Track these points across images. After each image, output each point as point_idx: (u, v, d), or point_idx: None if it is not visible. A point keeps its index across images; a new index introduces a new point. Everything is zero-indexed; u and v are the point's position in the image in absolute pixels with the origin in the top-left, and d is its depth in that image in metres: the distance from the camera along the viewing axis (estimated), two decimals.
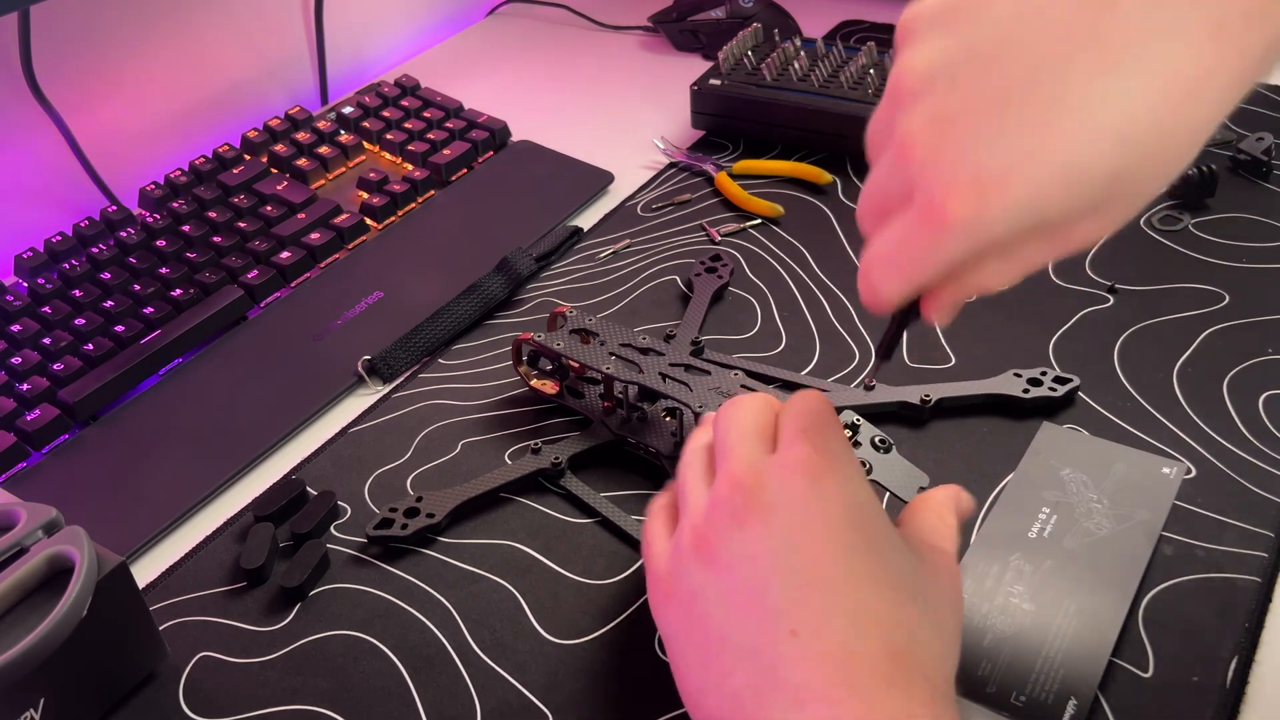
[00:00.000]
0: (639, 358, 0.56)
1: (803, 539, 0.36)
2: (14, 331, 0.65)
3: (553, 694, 0.46)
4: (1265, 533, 0.49)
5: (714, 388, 0.54)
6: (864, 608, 0.35)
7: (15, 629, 0.43)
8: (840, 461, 0.38)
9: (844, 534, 0.36)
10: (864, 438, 0.55)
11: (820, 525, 0.36)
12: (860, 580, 0.36)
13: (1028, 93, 0.30)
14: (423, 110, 0.85)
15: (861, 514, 0.37)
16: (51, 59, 0.76)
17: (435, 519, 0.53)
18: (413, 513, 0.53)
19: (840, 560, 0.36)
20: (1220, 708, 0.43)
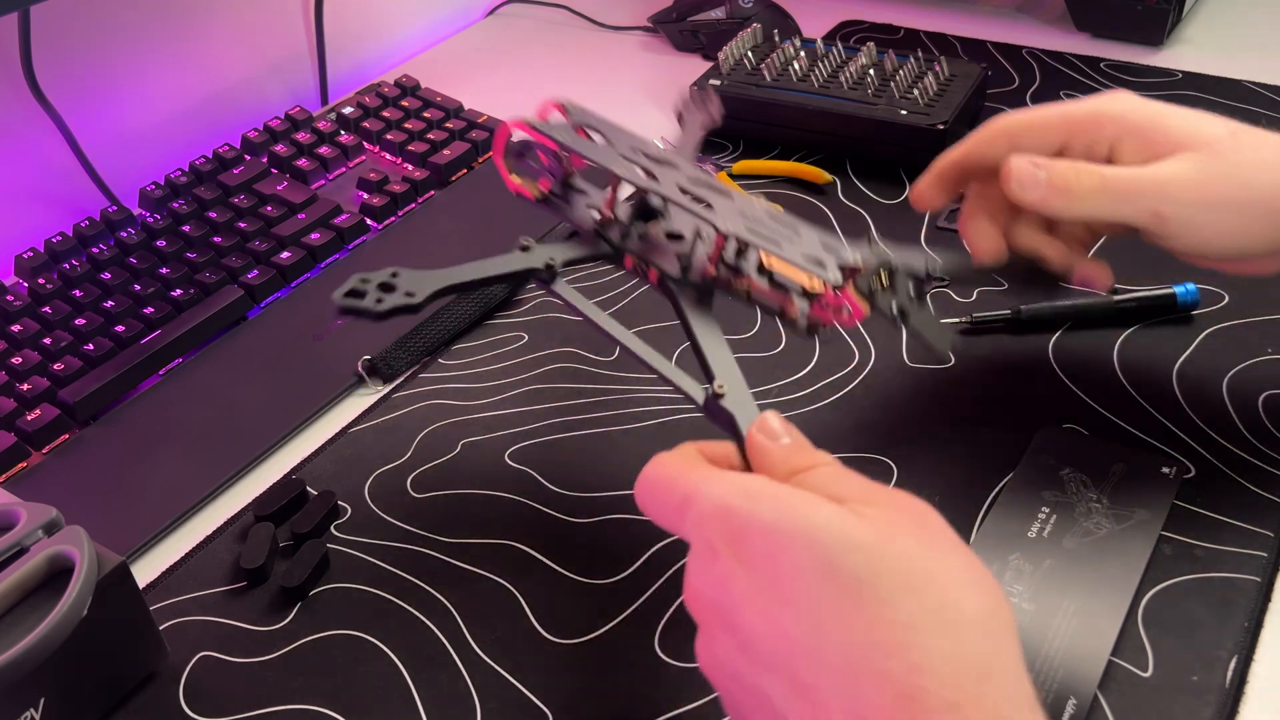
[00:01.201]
0: (653, 167, 0.49)
1: (731, 606, 0.34)
2: (14, 331, 0.65)
3: (553, 694, 0.46)
4: (1265, 533, 0.49)
5: (739, 210, 0.48)
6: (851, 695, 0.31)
7: (15, 629, 0.43)
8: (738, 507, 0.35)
9: (769, 583, 0.33)
10: (900, 282, 0.49)
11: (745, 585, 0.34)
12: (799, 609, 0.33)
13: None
14: (423, 110, 0.85)
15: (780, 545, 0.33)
16: (51, 59, 0.76)
17: (414, 299, 0.45)
18: (389, 288, 0.46)
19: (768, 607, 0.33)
20: (1220, 708, 0.43)
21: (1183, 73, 0.84)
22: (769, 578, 0.33)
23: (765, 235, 0.47)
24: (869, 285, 0.48)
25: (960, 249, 0.53)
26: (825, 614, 0.32)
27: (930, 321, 0.49)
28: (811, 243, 0.48)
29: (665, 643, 0.48)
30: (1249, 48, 0.87)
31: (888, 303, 0.48)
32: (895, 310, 0.48)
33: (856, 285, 0.48)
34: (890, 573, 0.32)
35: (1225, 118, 0.49)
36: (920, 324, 0.49)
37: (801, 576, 0.32)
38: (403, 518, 0.55)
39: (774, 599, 0.33)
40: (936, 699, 0.30)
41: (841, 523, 0.33)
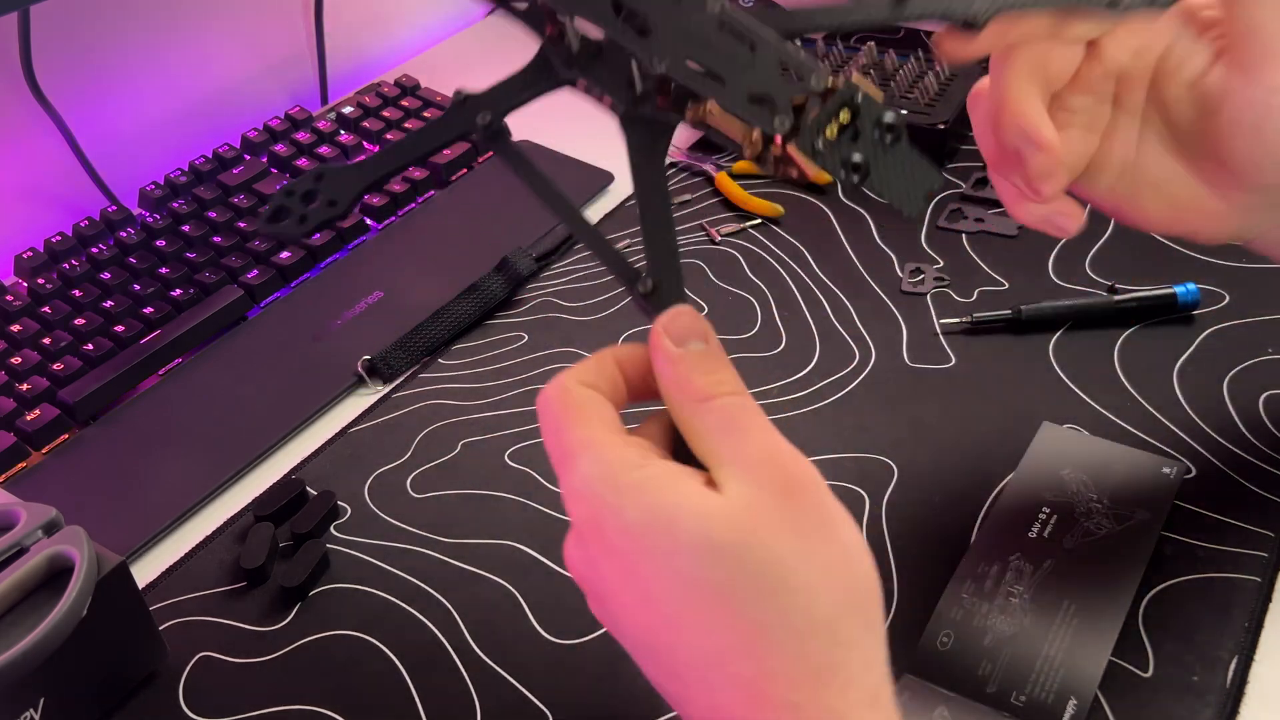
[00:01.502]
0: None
1: (602, 597, 0.36)
2: (14, 331, 0.65)
3: (553, 694, 0.46)
4: (1265, 533, 0.49)
5: (683, 32, 0.37)
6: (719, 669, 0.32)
7: (15, 629, 0.43)
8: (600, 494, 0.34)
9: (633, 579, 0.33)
10: (865, 122, 0.35)
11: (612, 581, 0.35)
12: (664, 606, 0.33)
13: None
14: (423, 110, 0.85)
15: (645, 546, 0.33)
16: (51, 59, 0.76)
17: (337, 208, 0.41)
18: (310, 196, 0.41)
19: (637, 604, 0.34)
20: (1220, 708, 0.43)
21: None
22: (631, 576, 0.33)
23: (705, 68, 0.37)
24: (817, 128, 0.36)
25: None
26: (684, 617, 0.32)
27: (900, 170, 0.36)
28: (765, 69, 0.36)
29: None
30: None
31: (840, 156, 0.36)
32: (851, 163, 0.35)
33: (801, 131, 0.36)
34: (746, 575, 0.32)
35: None
36: (884, 179, 0.36)
37: (660, 580, 0.33)
38: (403, 518, 0.55)
39: (636, 597, 0.34)
40: (781, 700, 0.31)
41: (703, 525, 0.32)
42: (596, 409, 0.37)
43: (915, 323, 0.63)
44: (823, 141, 0.35)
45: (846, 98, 0.35)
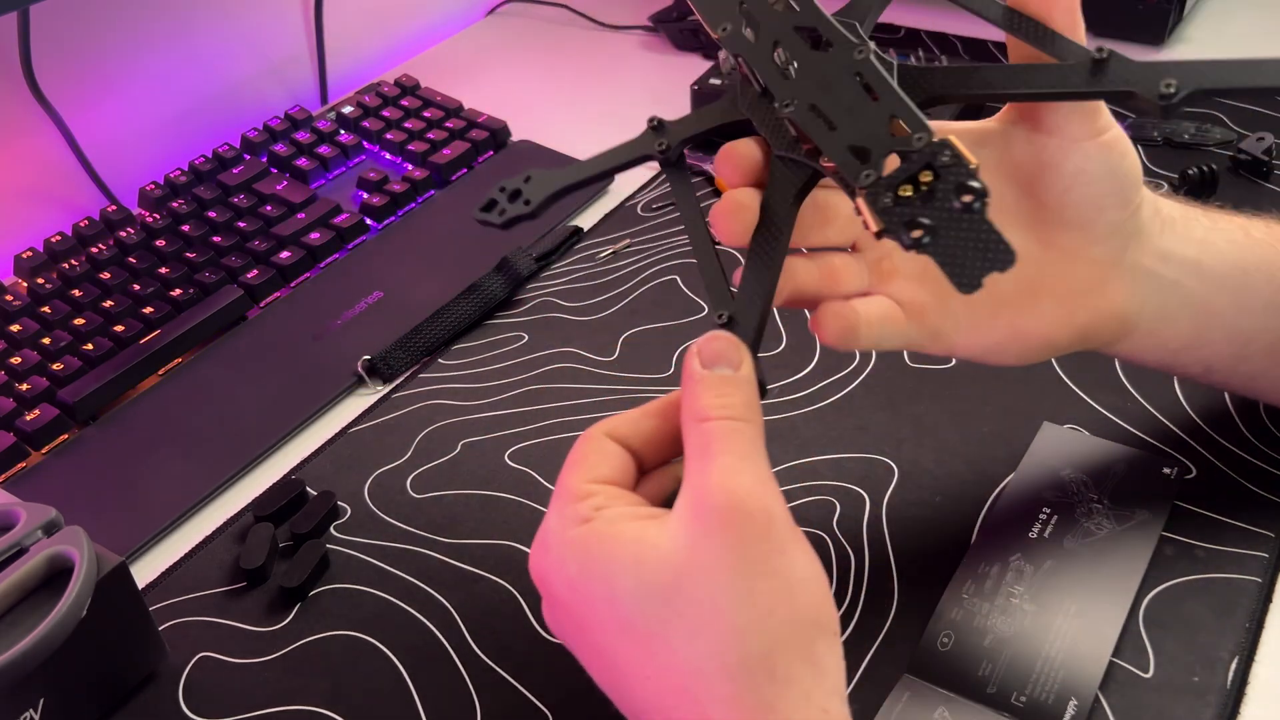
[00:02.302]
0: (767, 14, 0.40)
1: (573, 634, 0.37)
2: (14, 331, 0.65)
3: (553, 694, 0.46)
4: (1265, 533, 0.49)
5: (819, 77, 0.38)
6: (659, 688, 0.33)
7: (15, 629, 0.43)
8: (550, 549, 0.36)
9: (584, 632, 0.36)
10: (945, 185, 0.33)
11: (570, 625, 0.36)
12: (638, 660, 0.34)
13: None
14: (422, 110, 0.85)
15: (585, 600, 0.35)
16: (51, 59, 0.76)
17: (529, 207, 0.43)
18: (515, 195, 0.44)
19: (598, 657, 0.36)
20: (1221, 708, 0.43)
21: None
22: (581, 628, 0.35)
23: (825, 113, 0.37)
24: (890, 184, 0.34)
25: None
26: (628, 664, 0.33)
27: (968, 241, 0.33)
28: (874, 120, 0.36)
29: None
30: (1250, 47, 0.87)
31: (907, 215, 0.34)
32: (915, 223, 0.33)
33: (877, 184, 0.35)
34: (678, 617, 0.32)
35: None
36: (948, 248, 0.33)
37: (604, 629, 0.34)
38: (402, 518, 0.55)
39: (589, 648, 0.36)
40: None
41: (637, 571, 0.33)
42: (601, 460, 0.37)
43: None
44: (893, 198, 0.34)
45: (930, 156, 0.34)
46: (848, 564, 0.50)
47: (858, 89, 0.37)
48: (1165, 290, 0.45)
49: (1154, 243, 0.44)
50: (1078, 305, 0.44)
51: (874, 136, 0.36)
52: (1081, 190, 0.42)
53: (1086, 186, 0.41)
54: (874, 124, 0.36)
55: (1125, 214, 0.42)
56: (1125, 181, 0.42)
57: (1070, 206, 0.42)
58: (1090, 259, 0.43)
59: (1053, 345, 0.45)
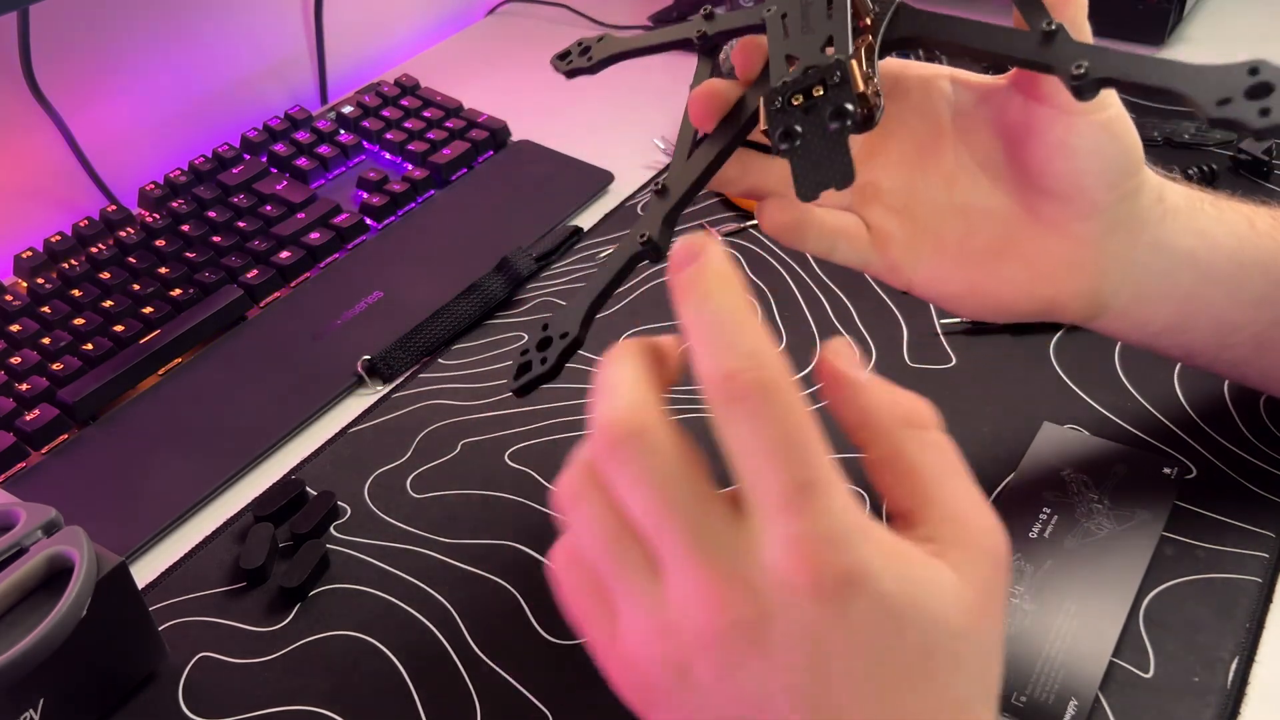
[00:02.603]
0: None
1: (828, 673, 0.28)
2: (13, 331, 0.65)
3: (553, 694, 0.46)
4: (1265, 533, 0.49)
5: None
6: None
7: (15, 629, 0.43)
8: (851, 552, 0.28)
9: (874, 658, 0.28)
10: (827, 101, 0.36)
11: (847, 655, 0.28)
12: (898, 700, 0.29)
13: None
14: (422, 110, 0.85)
15: (893, 623, 0.28)
16: (51, 59, 0.76)
17: (570, 337, 0.42)
18: (546, 343, 0.43)
19: (873, 689, 0.28)
20: (1221, 709, 0.43)
21: None
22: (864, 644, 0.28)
23: (786, 22, 0.40)
24: (785, 89, 0.37)
25: None
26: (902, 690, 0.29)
27: (821, 155, 0.36)
28: (816, 37, 0.38)
29: None
30: (1250, 47, 0.87)
31: (787, 121, 0.36)
32: (788, 131, 0.36)
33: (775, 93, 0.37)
34: (972, 655, 0.30)
35: None
36: (802, 157, 0.36)
37: (904, 655, 0.29)
38: (402, 518, 0.55)
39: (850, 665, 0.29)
40: None
41: (954, 612, 0.29)
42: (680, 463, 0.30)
43: (915, 323, 0.63)
44: (782, 102, 0.37)
45: (825, 74, 0.36)
46: None
47: (822, 8, 0.39)
48: (1150, 278, 0.45)
49: (1150, 231, 0.44)
50: (1044, 277, 0.44)
51: (806, 49, 0.38)
52: (1063, 163, 0.42)
53: (1068, 160, 0.41)
54: (814, 41, 0.38)
55: (1112, 197, 0.42)
56: (1113, 164, 0.42)
57: (1050, 176, 0.42)
58: (1069, 235, 0.43)
59: (1010, 310, 0.45)
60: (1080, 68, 0.36)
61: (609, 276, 0.43)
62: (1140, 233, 0.44)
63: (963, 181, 0.45)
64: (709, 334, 0.28)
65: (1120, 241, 0.44)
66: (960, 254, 0.45)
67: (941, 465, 0.32)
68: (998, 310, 0.45)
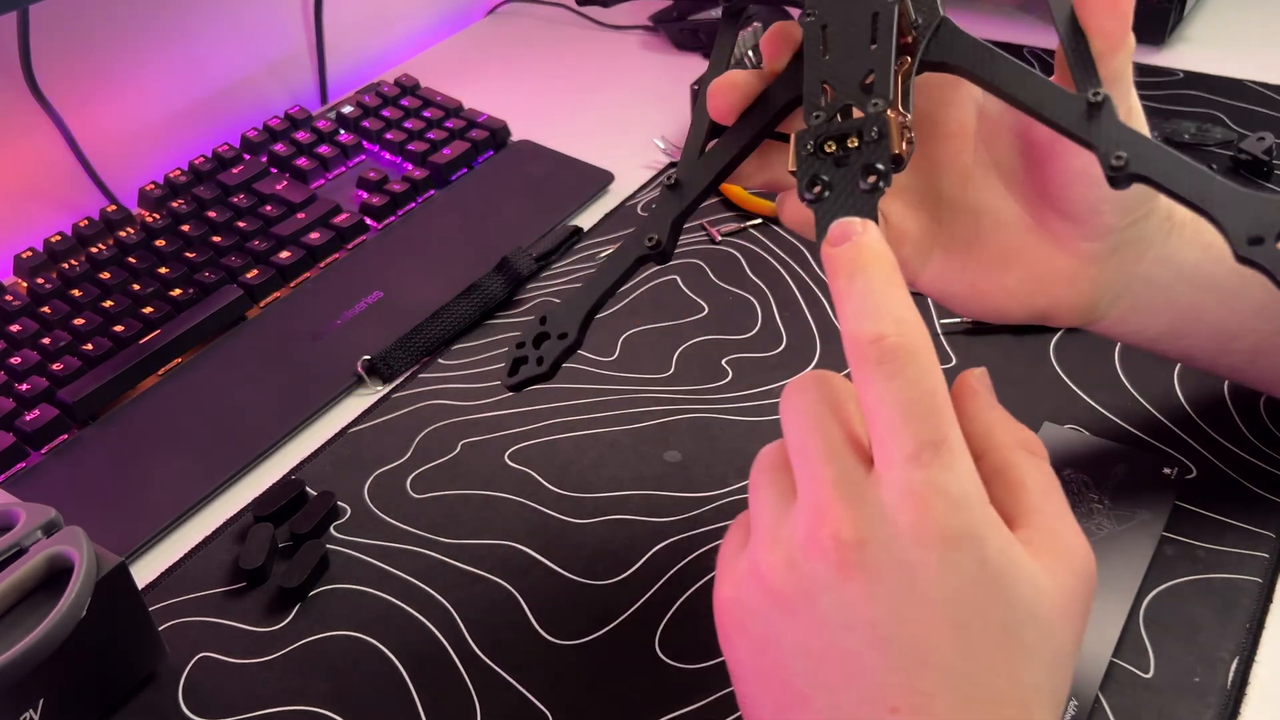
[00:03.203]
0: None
1: (914, 614, 0.30)
2: (13, 331, 0.65)
3: (553, 694, 0.46)
4: (1266, 533, 0.49)
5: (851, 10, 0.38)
6: (976, 688, 0.30)
7: (14, 629, 0.43)
8: (967, 512, 0.30)
9: (963, 612, 0.30)
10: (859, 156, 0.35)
11: (938, 602, 0.30)
12: (975, 658, 0.30)
13: None
14: (422, 110, 0.85)
15: (987, 587, 0.30)
16: (51, 59, 0.76)
17: (569, 339, 0.42)
18: (541, 339, 0.43)
19: (955, 640, 0.30)
20: (1221, 709, 0.43)
21: (1184, 72, 0.84)
22: (955, 599, 0.30)
23: (826, 36, 0.38)
24: (818, 135, 0.36)
25: None
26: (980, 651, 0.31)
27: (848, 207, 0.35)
28: (856, 66, 0.37)
29: (666, 644, 0.47)
30: (1250, 47, 0.87)
31: (815, 169, 0.36)
32: (815, 179, 0.36)
33: (808, 128, 0.37)
34: (1046, 650, 0.31)
35: None
36: (829, 213, 0.36)
37: (988, 622, 0.31)
38: (402, 518, 0.55)
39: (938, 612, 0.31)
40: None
41: (1040, 603, 0.31)
42: (840, 424, 0.33)
43: None
44: (814, 145, 0.36)
45: (862, 126, 0.35)
46: None
47: (865, 30, 0.37)
48: (1150, 290, 0.45)
49: (1155, 249, 0.44)
50: (1042, 289, 0.44)
51: (845, 81, 0.36)
52: (1083, 190, 0.41)
53: (1088, 188, 0.41)
54: (854, 69, 0.36)
55: (1124, 222, 0.42)
56: (1131, 194, 0.42)
57: (1069, 200, 0.42)
58: (1074, 251, 0.43)
59: (1005, 315, 0.45)
60: (1120, 160, 0.34)
61: (611, 279, 0.43)
62: (1145, 251, 0.44)
63: (978, 182, 0.44)
64: (860, 299, 0.31)
65: (1124, 259, 0.44)
66: (967, 256, 0.45)
67: (1047, 485, 0.33)
68: (994, 314, 0.46)
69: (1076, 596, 0.32)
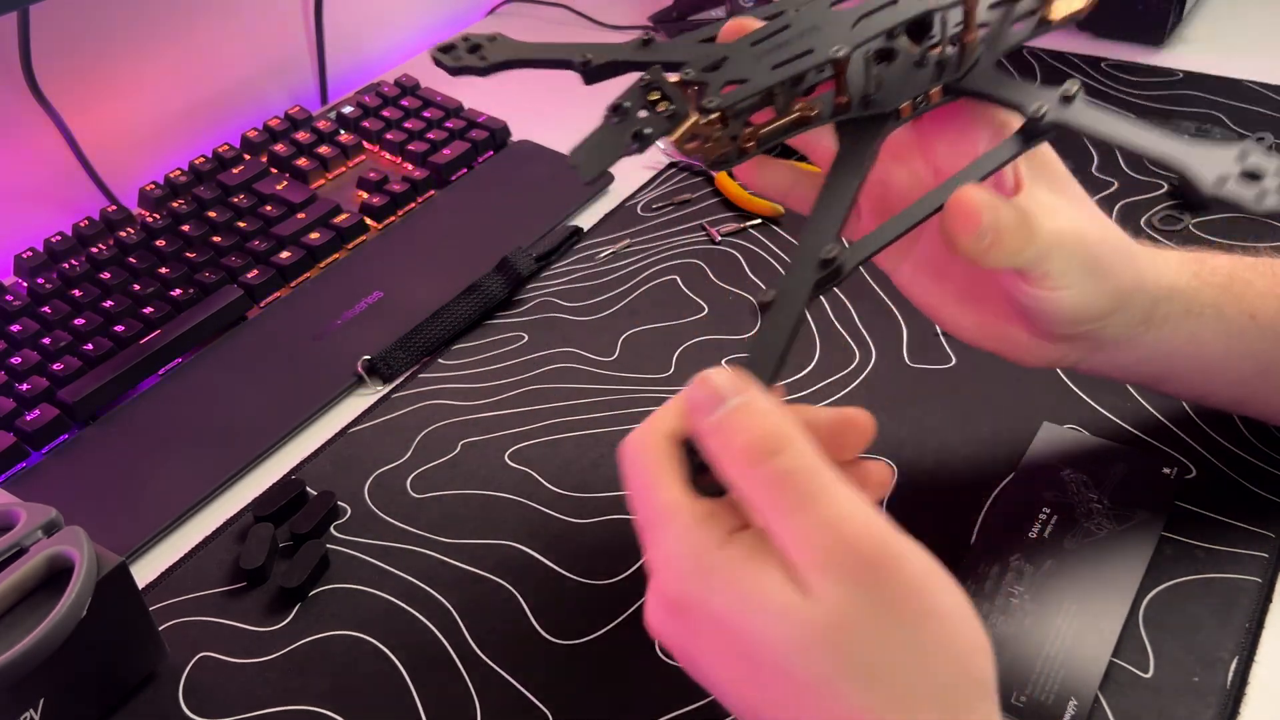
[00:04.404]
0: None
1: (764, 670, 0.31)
2: (14, 331, 0.65)
3: (553, 695, 0.46)
4: (1266, 533, 0.49)
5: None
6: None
7: (15, 629, 0.43)
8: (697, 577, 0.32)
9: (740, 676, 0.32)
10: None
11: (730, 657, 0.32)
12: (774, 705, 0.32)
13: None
14: (422, 110, 0.85)
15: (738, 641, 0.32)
16: (51, 59, 0.76)
17: (482, 65, 0.47)
18: (475, 48, 0.47)
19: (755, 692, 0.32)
20: (1221, 709, 0.43)
21: (1183, 72, 0.84)
22: (727, 658, 0.32)
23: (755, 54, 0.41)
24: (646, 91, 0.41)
25: None
26: (789, 702, 0.31)
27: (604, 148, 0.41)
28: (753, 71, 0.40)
29: None
30: (1250, 48, 0.87)
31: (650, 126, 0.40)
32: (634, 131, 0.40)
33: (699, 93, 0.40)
34: (848, 667, 0.30)
35: None
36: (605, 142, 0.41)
37: (760, 668, 0.31)
38: (402, 518, 0.55)
39: (735, 676, 0.32)
40: None
41: (794, 630, 0.31)
42: (680, 466, 0.35)
43: (915, 323, 0.63)
44: (647, 83, 0.42)
45: (675, 101, 0.40)
46: None
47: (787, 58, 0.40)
48: (1124, 360, 0.46)
49: (1125, 349, 0.44)
50: (1005, 338, 0.45)
51: (725, 74, 0.41)
52: (1024, 302, 0.42)
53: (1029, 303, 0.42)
54: (738, 72, 0.40)
55: (1079, 330, 0.43)
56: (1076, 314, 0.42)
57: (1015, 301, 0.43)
58: (1032, 333, 0.44)
59: (969, 342, 0.46)
60: (1041, 109, 0.37)
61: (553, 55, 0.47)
62: (1113, 350, 0.44)
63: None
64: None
65: (1088, 349, 0.44)
66: (931, 282, 0.46)
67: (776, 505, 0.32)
68: (959, 334, 0.46)
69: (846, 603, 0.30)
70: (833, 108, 0.41)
